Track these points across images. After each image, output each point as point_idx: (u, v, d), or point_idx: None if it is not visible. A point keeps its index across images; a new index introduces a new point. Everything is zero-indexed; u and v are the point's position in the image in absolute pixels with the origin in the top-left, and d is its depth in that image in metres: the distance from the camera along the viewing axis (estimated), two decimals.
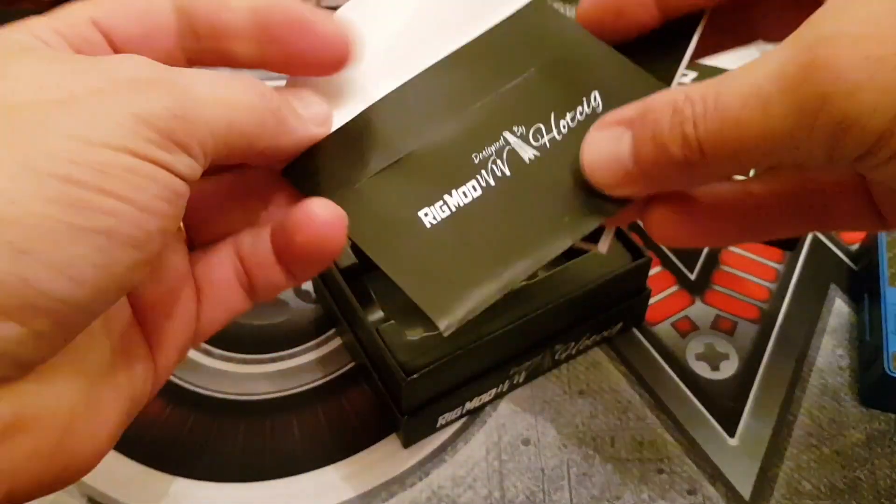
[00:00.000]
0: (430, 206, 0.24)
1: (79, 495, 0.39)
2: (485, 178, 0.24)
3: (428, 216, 0.24)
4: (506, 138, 0.24)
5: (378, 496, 0.39)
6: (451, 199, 0.24)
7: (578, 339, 0.43)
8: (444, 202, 0.24)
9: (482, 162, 0.24)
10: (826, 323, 0.46)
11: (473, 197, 0.24)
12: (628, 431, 0.41)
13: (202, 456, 0.41)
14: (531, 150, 0.24)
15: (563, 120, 0.24)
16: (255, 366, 0.44)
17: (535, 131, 0.24)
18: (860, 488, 0.39)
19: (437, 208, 0.24)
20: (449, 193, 0.24)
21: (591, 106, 0.24)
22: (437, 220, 0.24)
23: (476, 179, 0.24)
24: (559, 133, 0.24)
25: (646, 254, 0.42)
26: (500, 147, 0.24)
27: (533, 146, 0.24)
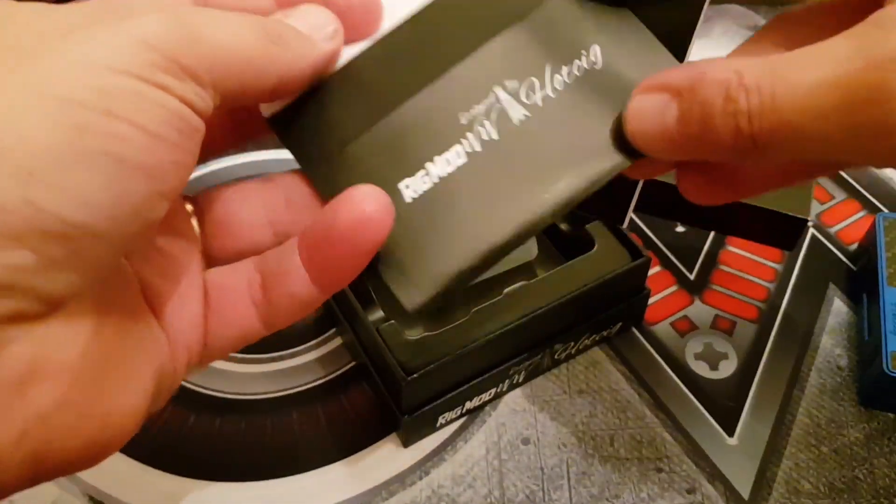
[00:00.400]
0: (412, 177, 0.22)
1: (80, 494, 0.39)
2: (470, 143, 0.22)
3: (409, 188, 0.22)
4: (496, 94, 0.22)
5: (378, 495, 0.39)
6: (435, 168, 0.22)
7: (578, 339, 0.43)
8: (427, 171, 0.22)
9: (470, 123, 0.22)
10: (825, 322, 0.46)
11: (458, 165, 0.22)
12: (627, 431, 0.42)
13: (203, 455, 0.41)
14: (521, 110, 0.22)
15: (559, 75, 0.22)
16: (256, 365, 0.45)
17: (528, 87, 0.22)
18: (859, 487, 0.39)
19: (418, 179, 0.22)
20: (432, 160, 0.22)
21: (589, 61, 0.22)
22: (417, 193, 0.22)
23: (461, 143, 0.22)
24: (553, 90, 0.22)
25: (645, 254, 0.42)
26: (489, 105, 0.22)
27: (524, 104, 0.22)
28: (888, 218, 0.46)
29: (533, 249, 0.44)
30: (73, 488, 0.39)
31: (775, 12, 0.65)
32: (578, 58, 0.22)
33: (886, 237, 0.45)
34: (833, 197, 0.53)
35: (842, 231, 0.51)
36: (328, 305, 0.45)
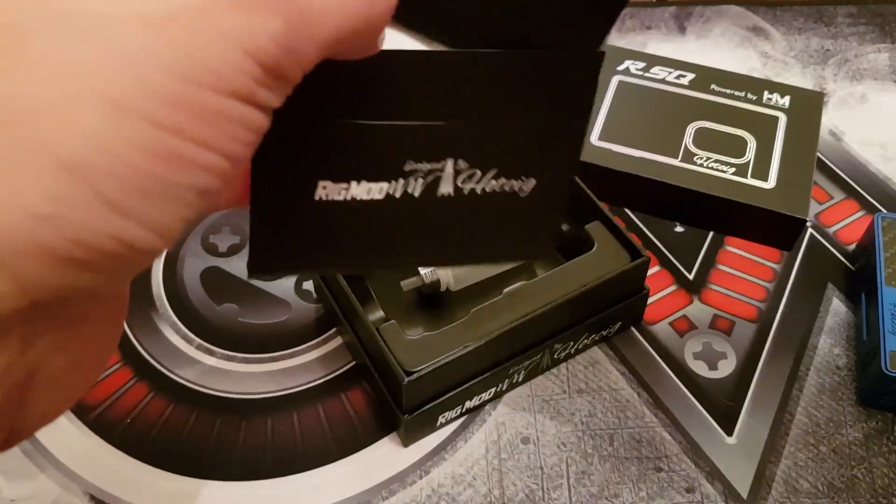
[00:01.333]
0: (334, 183, 0.22)
1: (81, 493, 0.39)
2: (395, 188, 0.23)
3: (325, 189, 0.22)
4: (447, 165, 0.23)
5: (378, 494, 0.40)
6: (356, 189, 0.23)
7: (577, 339, 0.43)
8: (349, 187, 0.22)
9: (409, 172, 0.23)
10: (823, 322, 0.46)
11: (373, 198, 0.23)
12: (627, 430, 0.42)
13: (204, 454, 0.41)
14: (450, 188, 0.23)
15: (495, 181, 0.24)
16: (257, 365, 0.45)
17: (469, 175, 0.24)
18: (857, 486, 0.39)
19: (337, 188, 0.22)
20: (358, 181, 0.22)
21: (519, 187, 0.24)
22: (327, 198, 0.22)
23: (391, 183, 0.23)
24: (482, 189, 0.24)
25: (644, 254, 0.42)
26: (433, 168, 0.23)
27: (456, 185, 0.23)
28: (886, 218, 0.46)
29: None
30: (74, 487, 0.40)
31: (775, 12, 0.65)
32: (517, 179, 0.24)
33: (885, 237, 0.45)
34: (832, 197, 0.53)
35: (840, 231, 0.51)
36: (329, 305, 0.45)
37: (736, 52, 0.62)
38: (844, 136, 0.56)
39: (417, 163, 0.23)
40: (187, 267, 0.49)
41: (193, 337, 0.46)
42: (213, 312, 0.47)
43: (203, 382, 0.44)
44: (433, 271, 0.42)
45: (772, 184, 0.49)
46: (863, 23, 0.65)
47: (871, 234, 0.46)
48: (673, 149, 0.51)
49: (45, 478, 0.40)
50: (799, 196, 0.48)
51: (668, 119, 0.52)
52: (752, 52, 0.63)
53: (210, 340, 0.46)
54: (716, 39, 0.63)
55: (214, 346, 0.45)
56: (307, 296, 0.48)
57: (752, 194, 0.48)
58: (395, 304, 0.43)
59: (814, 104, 0.53)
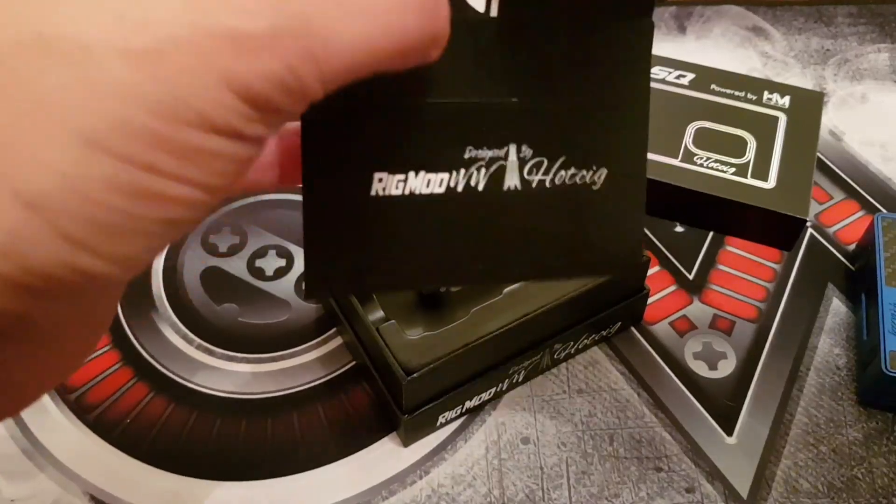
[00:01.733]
0: (391, 175, 0.21)
1: (80, 493, 0.39)
2: (457, 180, 0.21)
3: (381, 182, 0.21)
4: (509, 150, 0.22)
5: (378, 494, 0.40)
6: (414, 181, 0.21)
7: (577, 339, 0.43)
8: (406, 179, 0.21)
9: (470, 160, 0.21)
10: (823, 322, 0.46)
11: (433, 192, 0.21)
12: (627, 430, 0.42)
13: (203, 454, 0.41)
14: (516, 180, 0.22)
15: (564, 171, 0.22)
16: (256, 365, 0.45)
17: (536, 164, 0.22)
18: (857, 487, 0.39)
19: (394, 180, 0.21)
20: (416, 172, 0.21)
21: (591, 178, 0.22)
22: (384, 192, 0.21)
23: (450, 174, 0.21)
24: (551, 181, 0.22)
25: (644, 253, 0.42)
26: (495, 156, 0.21)
27: (523, 177, 0.22)
28: (886, 218, 0.46)
29: None
30: (74, 487, 0.40)
31: (775, 12, 0.65)
32: (588, 168, 0.22)
33: (885, 237, 0.45)
34: (832, 197, 0.53)
35: (840, 231, 0.51)
36: (329, 305, 0.45)
37: (736, 52, 0.62)
38: (844, 136, 0.56)
39: (478, 149, 0.21)
40: (187, 267, 0.49)
41: (193, 337, 0.46)
42: (213, 312, 0.47)
43: (203, 382, 0.44)
44: None
45: (772, 184, 0.49)
46: (863, 23, 0.65)
47: (871, 234, 0.46)
48: (673, 149, 0.51)
49: (45, 478, 0.40)
50: (799, 196, 0.48)
51: (668, 119, 0.52)
52: (752, 51, 0.63)
53: (210, 340, 0.46)
54: (716, 39, 0.63)
55: (214, 346, 0.45)
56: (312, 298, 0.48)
57: (752, 194, 0.48)
58: (395, 304, 0.43)
59: (814, 104, 0.53)
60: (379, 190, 0.21)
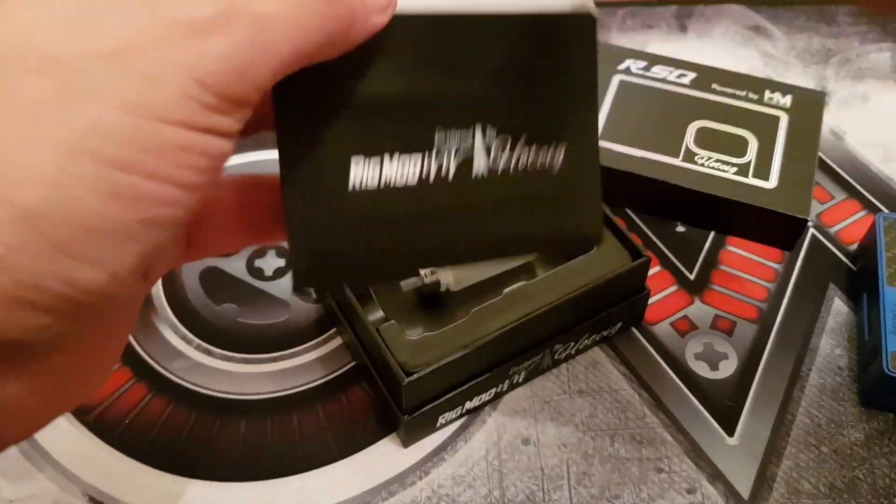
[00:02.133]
0: (367, 157, 0.22)
1: (80, 494, 0.39)
2: (428, 168, 0.23)
3: (359, 167, 0.22)
4: (475, 132, 0.23)
5: (378, 495, 0.40)
6: (389, 168, 0.22)
7: (578, 339, 0.43)
8: (381, 164, 0.22)
9: (439, 142, 0.22)
10: (825, 323, 0.46)
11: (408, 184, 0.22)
12: (627, 431, 0.42)
13: (203, 455, 0.41)
14: (483, 168, 0.23)
15: (528, 148, 0.24)
16: (256, 365, 0.45)
17: (500, 142, 0.23)
18: (859, 487, 0.39)
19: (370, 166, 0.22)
20: (392, 155, 0.22)
21: (550, 161, 0.24)
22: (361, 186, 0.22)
23: (423, 156, 0.22)
24: (514, 168, 0.23)
25: (645, 253, 0.42)
26: (462, 138, 0.23)
27: (489, 165, 0.23)
28: (888, 218, 0.46)
29: None
30: (73, 488, 0.39)
31: (775, 12, 0.65)
32: (548, 144, 0.24)
33: (886, 237, 0.45)
34: (833, 197, 0.53)
35: (842, 231, 0.51)
36: (328, 305, 0.45)
37: (737, 51, 0.62)
38: (846, 136, 0.56)
39: (446, 129, 0.22)
40: (186, 267, 0.49)
41: (193, 337, 0.46)
42: (212, 313, 0.47)
43: (203, 382, 0.44)
44: (433, 271, 0.42)
45: (773, 183, 0.49)
46: (864, 22, 0.65)
47: (872, 234, 0.46)
48: (674, 148, 0.50)
49: (44, 478, 0.40)
50: (800, 196, 0.48)
51: (669, 118, 0.52)
52: (754, 51, 0.62)
53: (209, 341, 0.46)
54: (717, 39, 0.63)
55: (214, 346, 0.45)
56: (307, 296, 0.48)
57: (753, 194, 0.48)
58: (395, 304, 0.43)
59: (815, 104, 0.53)
60: (356, 184, 0.22)
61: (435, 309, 0.44)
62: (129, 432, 0.42)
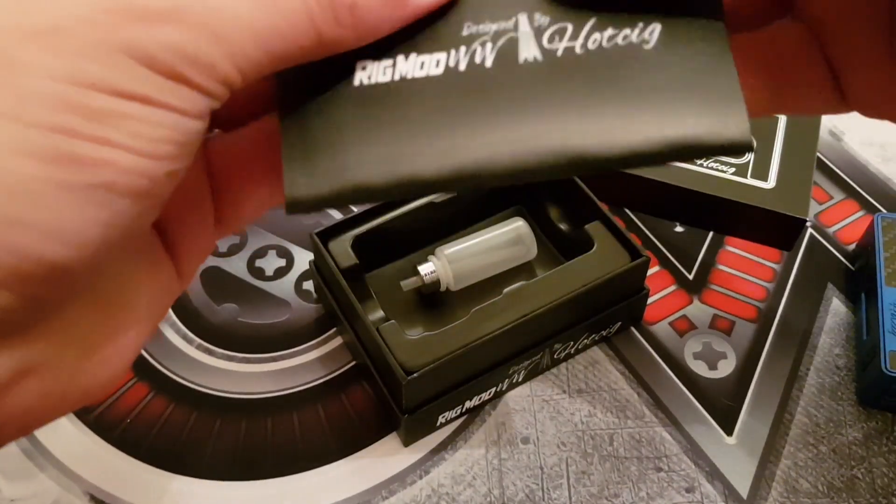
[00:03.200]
0: (376, 61, 0.18)
1: (81, 493, 0.39)
2: (456, 58, 0.18)
3: (365, 71, 0.18)
4: (517, 21, 0.18)
5: (378, 494, 0.40)
6: (404, 65, 0.18)
7: (577, 339, 0.43)
8: (394, 64, 0.18)
9: (470, 37, 0.18)
10: (823, 322, 0.46)
11: (429, 74, 0.18)
12: (627, 430, 0.42)
13: (203, 454, 0.41)
14: (535, 51, 0.18)
15: (599, 34, 0.18)
16: (256, 365, 0.45)
17: (557, 30, 0.18)
18: (857, 487, 0.39)
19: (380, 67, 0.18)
20: (406, 55, 0.18)
21: (640, 38, 0.18)
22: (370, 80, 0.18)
23: (448, 53, 0.18)
24: (582, 46, 0.18)
25: (644, 253, 0.42)
26: (501, 29, 0.18)
27: (542, 47, 0.18)
28: (886, 218, 0.46)
29: (533, 249, 0.44)
30: (74, 487, 0.40)
31: None
32: (631, 27, 0.18)
33: (885, 237, 0.45)
34: (831, 197, 0.53)
35: (840, 231, 0.51)
36: (329, 305, 0.45)
37: None
38: (844, 136, 0.56)
39: (477, 24, 0.18)
40: None
41: (193, 337, 0.46)
42: (213, 312, 0.47)
43: (203, 382, 0.44)
44: (433, 272, 0.42)
45: (772, 184, 0.49)
46: None
47: (870, 234, 0.46)
48: None
49: (45, 478, 0.40)
50: (799, 196, 0.48)
51: None
52: None
53: (210, 340, 0.46)
54: None
55: (214, 346, 0.45)
56: (307, 296, 0.48)
57: (751, 194, 0.48)
58: (395, 304, 0.43)
59: None
60: (363, 78, 0.18)
61: (435, 309, 0.44)
62: (130, 431, 0.42)
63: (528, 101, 0.18)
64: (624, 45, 0.18)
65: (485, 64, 0.18)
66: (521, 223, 0.44)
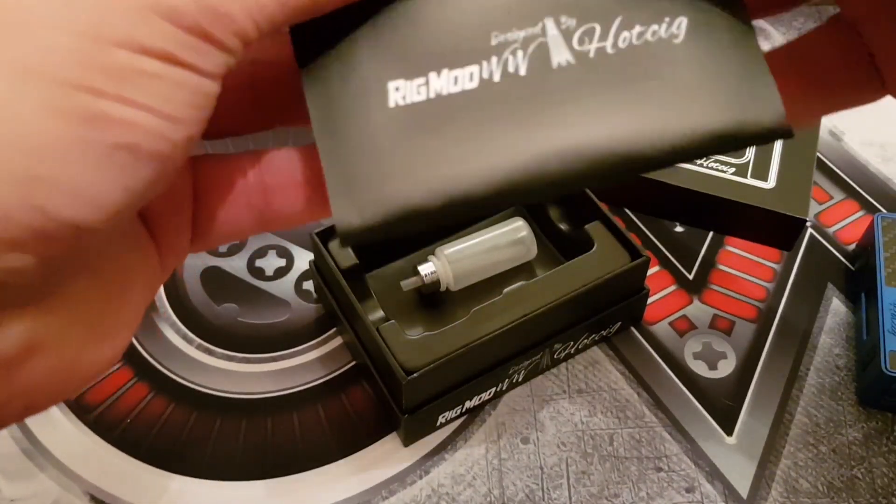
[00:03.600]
0: (408, 80, 0.18)
1: (81, 493, 0.39)
2: (490, 69, 0.18)
3: (399, 91, 0.18)
4: (545, 26, 0.18)
5: (378, 494, 0.40)
6: (437, 82, 0.18)
7: (577, 339, 0.43)
8: (427, 82, 0.18)
9: (500, 46, 0.18)
10: (823, 322, 0.46)
11: (464, 89, 0.18)
12: (626, 430, 0.42)
13: (204, 454, 0.41)
14: (566, 54, 0.18)
15: (628, 32, 0.18)
16: (257, 365, 0.45)
17: (586, 31, 0.18)
18: (857, 486, 0.39)
19: (413, 86, 0.18)
20: (438, 72, 0.18)
21: (669, 32, 0.18)
22: (405, 101, 0.18)
23: (480, 65, 0.18)
24: (613, 46, 0.18)
25: (644, 253, 0.42)
26: (530, 35, 0.18)
27: (573, 49, 0.18)
28: (886, 218, 0.46)
29: (533, 249, 0.44)
30: (75, 487, 0.40)
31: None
32: (658, 22, 0.18)
33: (884, 237, 0.45)
34: (831, 197, 0.53)
35: (840, 231, 0.51)
36: (329, 305, 0.45)
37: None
38: (844, 137, 0.56)
39: (504, 32, 0.18)
40: (187, 267, 0.49)
41: (193, 337, 0.46)
42: (213, 312, 0.47)
43: (203, 382, 0.44)
44: (433, 272, 0.42)
45: (772, 184, 0.49)
46: None
47: (870, 234, 0.46)
48: None
49: (45, 478, 0.40)
50: (799, 196, 0.48)
51: None
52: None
53: (210, 340, 0.46)
54: None
55: (214, 346, 0.45)
56: (307, 296, 0.48)
57: (751, 194, 0.48)
58: (395, 304, 0.43)
59: None
60: (398, 99, 0.18)
61: (435, 309, 0.44)
62: (130, 431, 0.42)
63: (567, 106, 0.18)
64: (654, 41, 0.18)
65: (518, 72, 0.18)
66: (521, 223, 0.44)
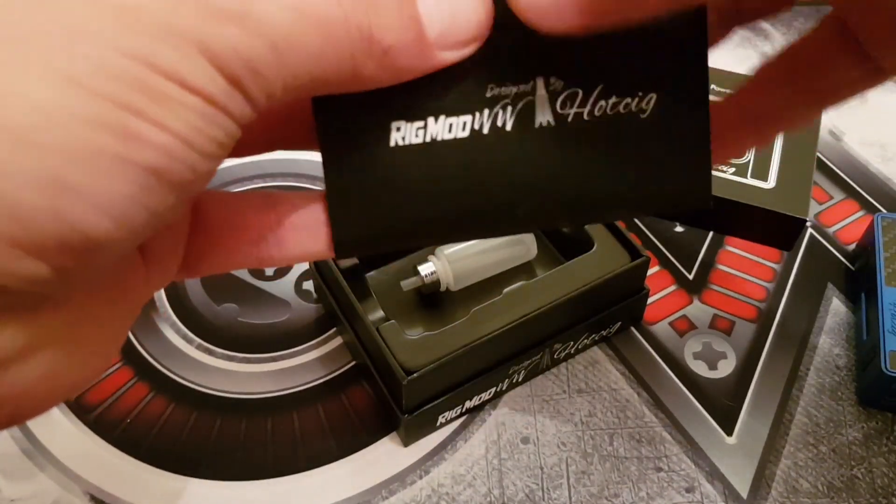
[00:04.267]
0: (409, 123, 0.20)
1: (81, 493, 0.39)
2: (481, 121, 0.20)
3: (400, 132, 0.20)
4: (536, 85, 0.20)
5: (378, 494, 0.40)
6: (434, 127, 0.20)
7: (577, 339, 0.43)
8: (426, 126, 0.20)
9: (493, 99, 0.20)
10: (823, 322, 0.46)
11: (456, 137, 0.20)
12: (627, 430, 0.42)
13: (204, 454, 0.41)
14: (548, 116, 0.20)
15: (604, 101, 0.20)
16: (257, 365, 0.45)
17: (569, 95, 0.20)
18: (857, 486, 0.39)
19: (412, 128, 0.20)
20: (436, 118, 0.20)
21: (638, 106, 0.20)
22: (404, 141, 0.20)
23: (473, 116, 0.20)
24: (589, 113, 0.20)
25: (644, 253, 0.42)
26: (521, 91, 0.20)
27: (555, 111, 0.20)
28: (886, 218, 0.46)
29: (533, 249, 0.44)
30: (74, 487, 0.40)
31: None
32: (632, 96, 0.20)
33: (884, 237, 0.45)
34: (831, 197, 0.53)
35: (840, 231, 0.51)
36: (329, 305, 0.45)
37: (736, 52, 0.62)
38: (844, 136, 0.56)
39: (500, 86, 0.20)
40: None
41: (193, 337, 0.46)
42: (213, 312, 0.47)
43: (203, 382, 0.44)
44: (433, 272, 0.42)
45: (771, 184, 0.49)
46: None
47: (870, 234, 0.46)
48: None
49: (45, 478, 0.40)
50: (799, 196, 0.48)
51: None
52: (752, 52, 0.63)
53: (210, 340, 0.46)
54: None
55: (214, 346, 0.45)
56: (307, 296, 0.48)
57: (751, 194, 0.48)
58: (395, 304, 0.43)
59: None
60: (398, 139, 0.20)
61: (435, 309, 0.44)
62: (130, 431, 0.42)
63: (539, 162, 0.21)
64: (624, 113, 0.20)
65: (505, 127, 0.20)
66: None
